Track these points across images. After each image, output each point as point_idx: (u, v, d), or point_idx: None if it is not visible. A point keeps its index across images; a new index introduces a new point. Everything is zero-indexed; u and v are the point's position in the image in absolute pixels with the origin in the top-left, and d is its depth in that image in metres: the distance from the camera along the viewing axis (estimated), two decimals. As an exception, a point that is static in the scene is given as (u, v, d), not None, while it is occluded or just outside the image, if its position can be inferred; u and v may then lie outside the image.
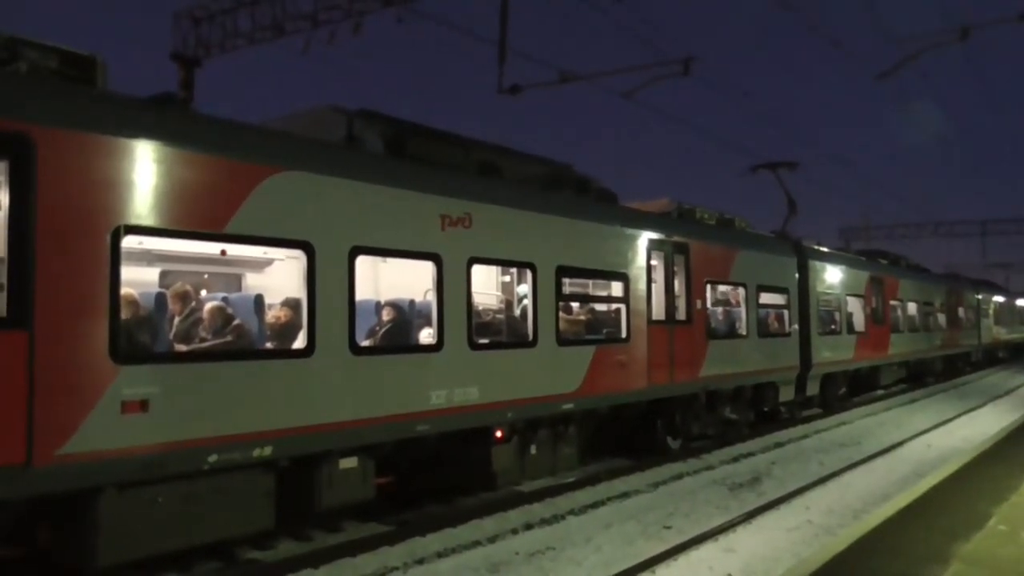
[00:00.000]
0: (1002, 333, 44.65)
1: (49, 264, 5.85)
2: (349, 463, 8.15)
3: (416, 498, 10.33)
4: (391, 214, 8.58)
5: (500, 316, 10.90)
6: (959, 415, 20.20)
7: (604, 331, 12.09)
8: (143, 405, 6.31)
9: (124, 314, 6.48)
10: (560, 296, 10.86)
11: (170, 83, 18.69)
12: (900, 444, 15.45)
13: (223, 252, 7.99)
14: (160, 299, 7.37)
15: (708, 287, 14.46)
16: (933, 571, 6.36)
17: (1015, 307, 51.25)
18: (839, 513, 9.98)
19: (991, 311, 41.52)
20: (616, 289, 12.20)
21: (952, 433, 17.11)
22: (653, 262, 12.84)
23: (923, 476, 11.46)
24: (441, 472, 10.15)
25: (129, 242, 6.49)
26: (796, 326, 17.69)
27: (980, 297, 38.76)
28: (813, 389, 18.81)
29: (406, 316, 9.28)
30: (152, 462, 6.38)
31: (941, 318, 30.51)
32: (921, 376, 28.78)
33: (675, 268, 13.44)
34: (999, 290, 48.05)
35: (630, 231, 12.40)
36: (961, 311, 33.98)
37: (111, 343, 6.16)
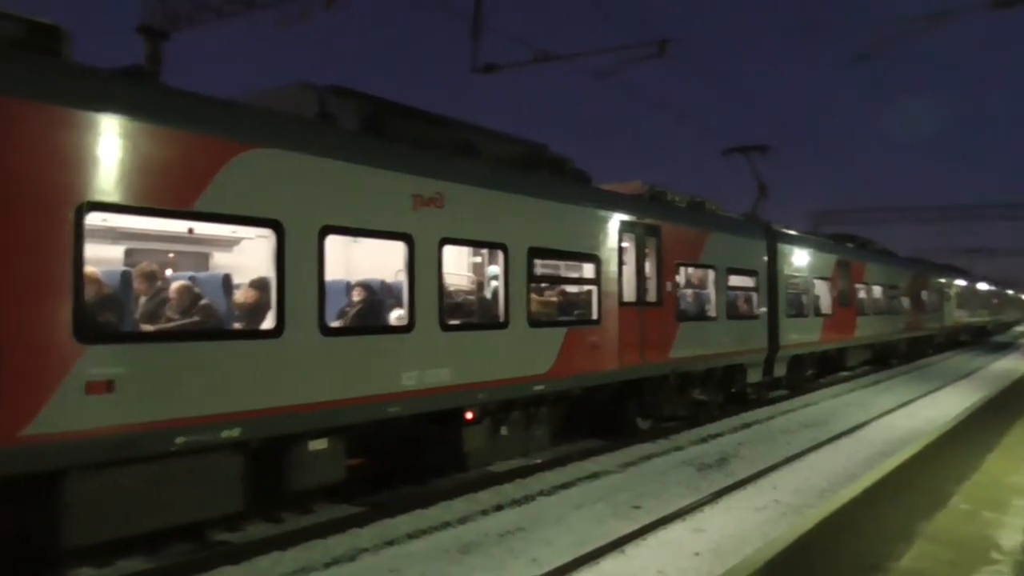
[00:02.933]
0: (964, 317, 45.47)
1: (9, 240, 5.70)
2: (320, 445, 8.09)
3: (388, 479, 10.31)
4: (362, 193, 8.48)
5: (471, 297, 10.85)
6: (922, 396, 20.56)
7: (575, 313, 12.09)
8: (109, 386, 6.20)
9: (88, 293, 6.35)
10: (532, 277, 10.84)
11: (137, 56, 18.27)
12: (865, 425, 15.71)
13: (190, 230, 7.85)
14: (126, 278, 7.24)
15: (679, 269, 14.53)
16: (898, 549, 6.46)
17: (977, 292, 52.20)
18: (806, 493, 10.13)
19: (954, 295, 42.24)
20: (588, 271, 12.21)
21: (915, 414, 17.42)
22: (625, 244, 12.85)
23: (888, 456, 11.64)
24: (413, 453, 10.13)
25: (93, 219, 6.35)
26: (764, 308, 17.85)
27: (944, 281, 39.39)
28: (780, 371, 19.03)
29: (377, 297, 9.22)
30: (118, 443, 6.28)
31: (906, 301, 30.96)
32: (886, 358, 29.24)
33: (646, 250, 13.47)
34: (963, 275, 48.88)
35: (602, 213, 12.39)
36: (925, 295, 34.52)
37: (75, 322, 6.03)
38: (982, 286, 55.06)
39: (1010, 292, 79.16)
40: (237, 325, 7.80)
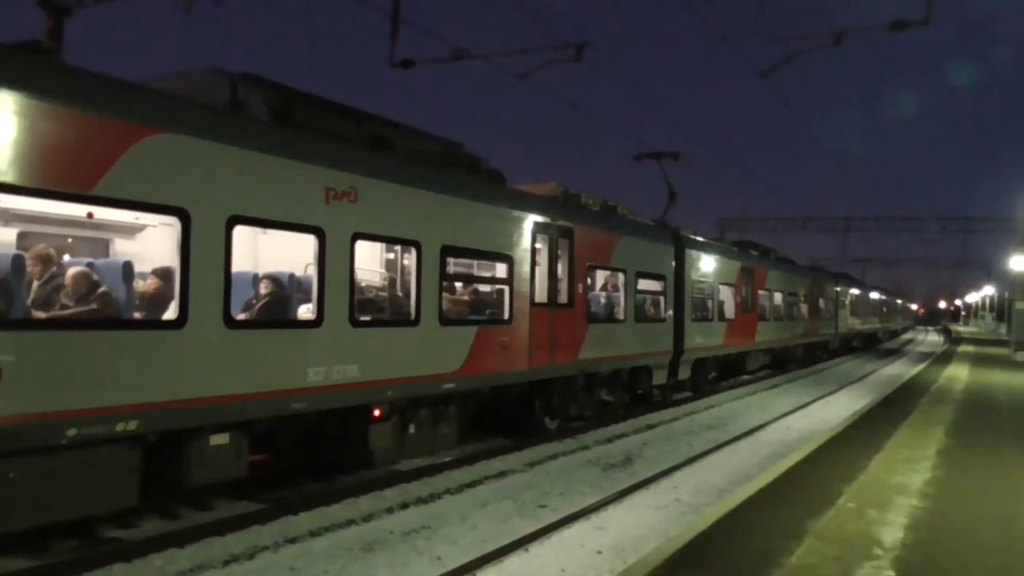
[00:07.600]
0: (857, 324, 47.61)
1: None
2: (221, 439, 7.89)
3: (292, 476, 10.13)
4: (273, 184, 8.31)
5: (383, 294, 10.76)
6: (816, 399, 21.44)
7: (487, 312, 12.13)
8: (-5, 374, 5.90)
9: (-24, 277, 6.03)
10: (444, 276, 10.82)
11: (37, 31, 17.39)
12: (763, 426, 16.28)
13: (90, 215, 7.54)
14: (17, 261, 6.88)
15: (590, 272, 14.74)
16: (789, 546, 6.72)
17: (869, 300, 54.72)
18: (705, 492, 10.43)
19: (848, 303, 44.16)
20: (500, 271, 12.26)
21: (810, 416, 18.15)
22: (538, 245, 12.97)
23: (783, 457, 12.08)
24: (318, 449, 9.98)
25: (-17, 200, 6.04)
26: (671, 312, 18.29)
27: (839, 289, 41.13)
28: (685, 373, 19.52)
29: (285, 290, 9.04)
30: (4, 435, 5.99)
31: (804, 308, 32.22)
32: (784, 362, 30.36)
33: (559, 252, 13.62)
34: (856, 283, 51.12)
35: (517, 213, 12.47)
36: (822, 302, 36.00)
37: (-40, 308, 5.72)
38: (873, 295, 57.72)
39: (899, 301, 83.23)
40: (137, 315, 7.54)
